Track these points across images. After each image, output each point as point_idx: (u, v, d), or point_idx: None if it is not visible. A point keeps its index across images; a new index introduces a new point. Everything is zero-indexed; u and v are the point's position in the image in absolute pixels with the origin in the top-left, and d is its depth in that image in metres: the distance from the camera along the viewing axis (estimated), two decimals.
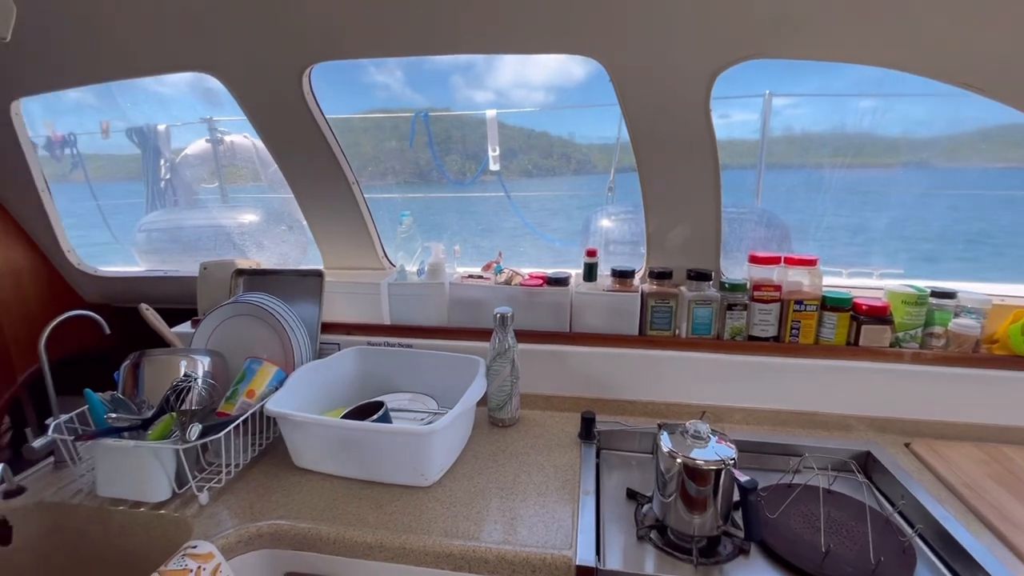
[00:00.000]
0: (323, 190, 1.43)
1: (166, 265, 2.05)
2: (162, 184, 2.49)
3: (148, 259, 2.24)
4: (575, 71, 3.70)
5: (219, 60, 1.22)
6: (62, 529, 1.01)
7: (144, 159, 2.48)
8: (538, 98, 4.32)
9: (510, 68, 5.72)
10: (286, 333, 1.23)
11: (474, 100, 6.25)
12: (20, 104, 1.43)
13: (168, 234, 2.19)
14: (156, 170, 2.48)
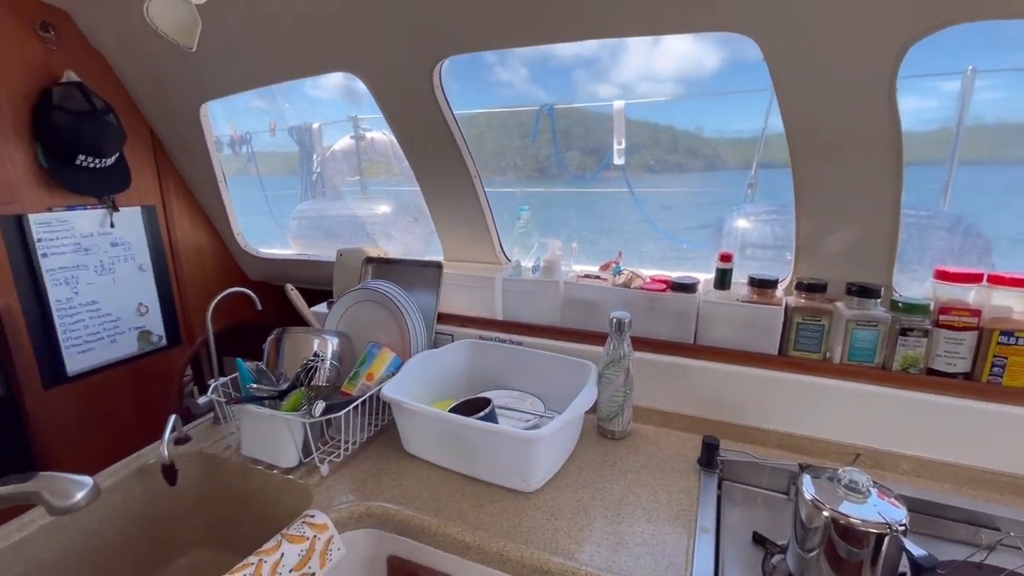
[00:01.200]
0: (447, 183, 1.46)
1: (312, 250, 2.28)
2: (313, 177, 2.78)
3: (298, 244, 2.52)
4: (707, 61, 3.41)
5: (360, 59, 1.30)
6: (214, 478, 1.16)
7: (300, 154, 2.79)
8: (665, 90, 4.05)
9: (636, 60, 5.46)
10: (405, 321, 1.28)
11: (598, 95, 6.09)
12: (207, 107, 1.67)
13: (314, 222, 2.44)
14: (309, 164, 2.78)
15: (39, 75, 1.46)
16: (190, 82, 1.59)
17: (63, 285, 1.55)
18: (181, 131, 1.72)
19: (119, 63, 1.60)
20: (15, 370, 1.46)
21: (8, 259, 1.43)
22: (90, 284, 1.62)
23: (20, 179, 1.44)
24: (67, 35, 1.51)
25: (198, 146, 1.75)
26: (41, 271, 1.50)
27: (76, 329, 1.59)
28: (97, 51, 1.58)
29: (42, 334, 1.52)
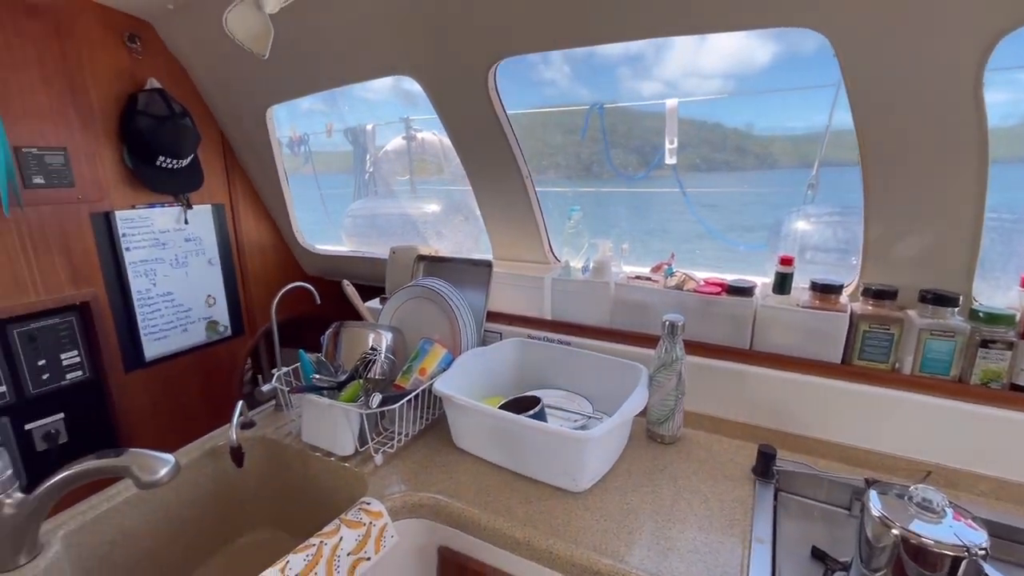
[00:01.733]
0: (498, 184, 1.48)
1: (364, 247, 2.36)
2: (366, 176, 2.88)
3: (352, 241, 2.61)
4: (757, 55, 3.27)
5: (417, 63, 1.33)
6: (276, 461, 1.22)
7: (355, 154, 2.89)
8: (712, 87, 3.96)
9: (681, 56, 5.17)
10: (456, 318, 1.31)
11: (641, 92, 5.91)
12: (272, 110, 1.76)
13: (367, 220, 2.52)
14: (363, 164, 2.87)
15: (126, 82, 1.58)
16: (258, 87, 1.68)
17: (143, 277, 1.68)
18: (249, 133, 1.83)
19: (195, 70, 1.72)
20: (101, 355, 1.60)
21: (97, 252, 1.56)
22: (166, 276, 1.74)
23: (108, 178, 1.57)
24: (150, 45, 1.63)
25: (263, 147, 1.84)
26: (124, 264, 1.62)
27: (153, 318, 1.72)
28: (176, 59, 1.70)
29: (125, 322, 1.65)
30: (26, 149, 1.38)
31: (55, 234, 1.46)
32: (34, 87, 1.38)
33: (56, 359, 1.51)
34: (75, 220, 1.50)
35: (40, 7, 1.37)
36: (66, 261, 1.49)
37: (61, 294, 1.49)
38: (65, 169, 1.46)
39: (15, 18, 1.33)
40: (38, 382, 1.48)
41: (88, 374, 1.59)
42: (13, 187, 1.34)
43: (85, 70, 1.48)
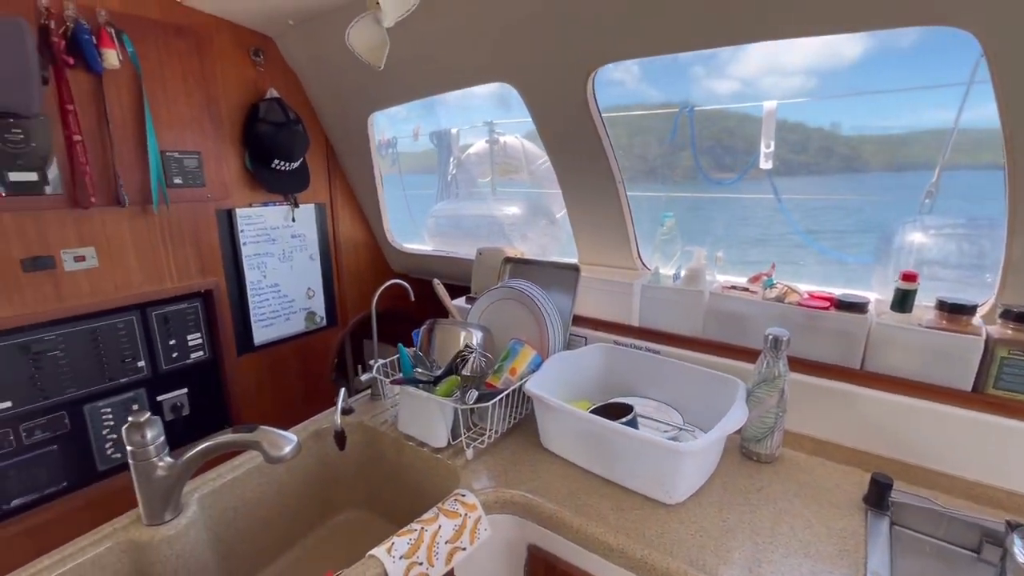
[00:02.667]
0: (590, 188, 1.48)
1: (446, 247, 2.45)
2: (449, 178, 2.98)
3: (434, 240, 2.71)
4: (846, 49, 2.95)
5: (515, 70, 1.37)
6: (372, 447, 1.30)
7: (439, 157, 3.01)
8: (793, 85, 3.65)
9: (759, 53, 4.81)
10: (544, 321, 1.33)
11: (715, 91, 5.56)
12: (374, 116, 1.87)
13: (451, 221, 2.61)
14: (447, 166, 2.98)
15: (250, 93, 1.75)
16: (362, 95, 1.79)
17: (255, 269, 1.85)
18: (351, 138, 1.95)
19: (307, 80, 1.86)
20: (219, 338, 1.77)
21: (220, 246, 1.74)
22: (274, 269, 1.90)
23: (231, 179, 1.74)
24: (271, 58, 1.79)
25: (363, 151, 1.97)
26: (241, 256, 1.79)
27: (262, 307, 1.89)
28: (292, 71, 1.85)
29: (239, 309, 1.82)
30: (169, 153, 1.56)
31: (188, 228, 1.64)
32: (178, 98, 1.56)
33: (184, 340, 1.70)
34: (204, 216, 1.68)
35: (185, 28, 1.54)
36: (196, 253, 1.67)
37: (190, 282, 1.67)
38: (198, 170, 1.63)
39: (167, 38, 1.50)
40: (169, 359, 1.67)
41: (208, 355, 1.77)
42: (162, 187, 1.52)
43: (218, 82, 1.65)
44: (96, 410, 1.52)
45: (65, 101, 1.32)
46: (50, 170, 1.34)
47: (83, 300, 1.44)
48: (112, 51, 1.37)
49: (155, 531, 0.92)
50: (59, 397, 1.45)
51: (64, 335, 1.43)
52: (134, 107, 1.47)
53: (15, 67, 1.12)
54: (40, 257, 1.35)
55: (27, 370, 1.38)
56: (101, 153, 1.42)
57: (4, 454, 1.37)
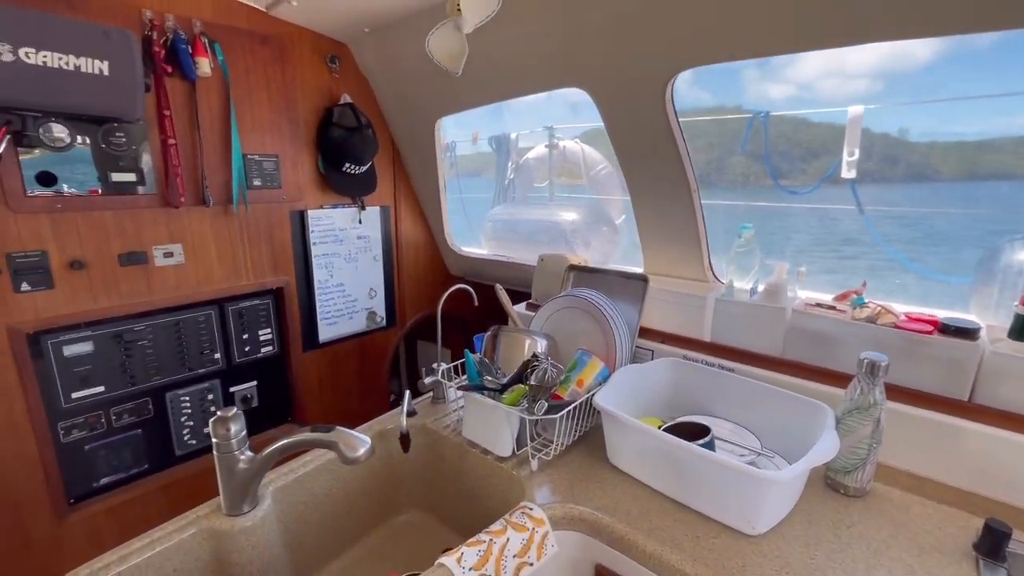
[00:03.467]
0: (662, 195, 1.43)
1: (502, 251, 2.45)
2: (507, 182, 2.99)
3: (490, 244, 2.72)
4: (917, 51, 2.59)
5: (590, 75, 1.34)
6: (434, 450, 1.31)
7: (497, 161, 3.02)
8: (857, 88, 3.23)
9: (821, 54, 4.30)
10: (612, 332, 1.29)
11: (769, 96, 5.06)
12: (441, 122, 1.90)
13: (508, 225, 2.61)
14: (505, 170, 2.99)
15: (325, 98, 1.81)
16: (431, 100, 1.82)
17: (323, 268, 1.90)
18: (418, 143, 1.99)
19: (378, 85, 1.91)
20: (287, 334, 1.84)
21: (292, 245, 1.80)
22: (340, 269, 1.96)
23: (305, 181, 1.80)
24: (345, 64, 1.84)
25: (429, 156, 1.99)
26: (311, 256, 1.86)
27: (327, 305, 1.94)
28: (364, 77, 1.90)
29: (307, 307, 1.88)
30: (250, 156, 1.63)
31: (264, 228, 1.72)
32: (261, 104, 1.63)
33: (255, 335, 1.78)
34: (279, 216, 1.75)
35: (271, 37, 1.61)
36: (270, 251, 1.74)
37: (264, 279, 1.74)
38: (276, 173, 1.70)
39: (253, 47, 1.58)
40: (242, 353, 1.75)
41: (276, 350, 1.84)
42: (242, 188, 1.60)
43: (297, 88, 1.72)
44: (176, 398, 1.61)
45: (163, 107, 1.41)
46: (146, 171, 1.43)
47: (169, 294, 1.53)
48: (205, 60, 1.45)
49: (234, 522, 0.96)
50: (145, 384, 1.54)
51: (152, 326, 1.52)
52: (221, 112, 1.54)
53: (125, 75, 1.20)
54: (135, 252, 1.44)
55: (119, 358, 1.48)
56: (190, 155, 1.50)
57: (96, 435, 1.47)
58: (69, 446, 1.42)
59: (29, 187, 1.25)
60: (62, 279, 1.33)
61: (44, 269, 1.30)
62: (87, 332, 1.41)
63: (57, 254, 1.32)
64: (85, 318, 1.38)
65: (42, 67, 1.11)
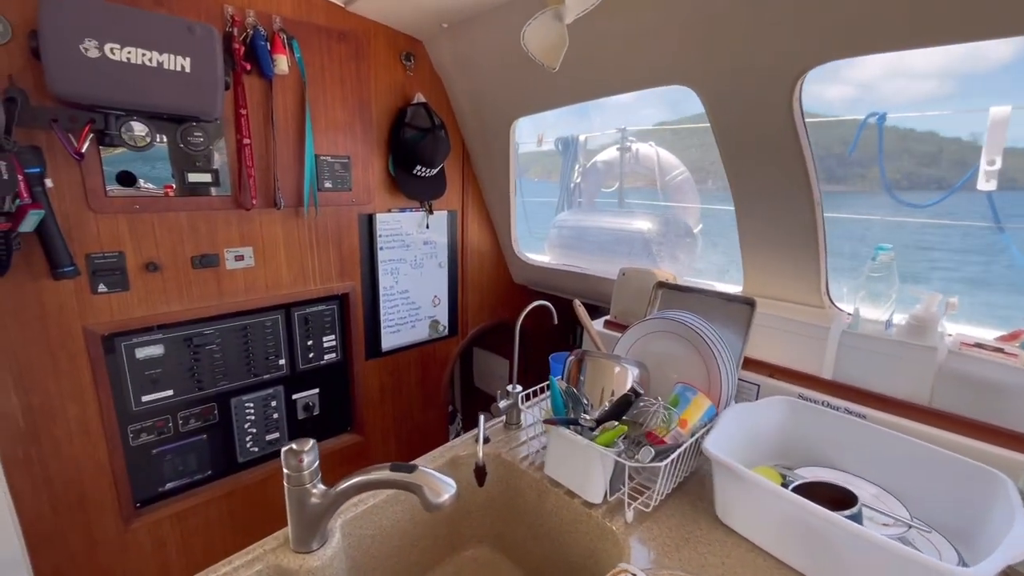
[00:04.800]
0: (777, 206, 1.26)
1: (567, 260, 2.31)
2: (572, 186, 2.85)
3: (554, 252, 2.59)
4: (997, 49, 2.26)
5: (703, 73, 1.19)
6: (508, 484, 1.19)
7: (563, 164, 2.89)
8: (927, 89, 2.78)
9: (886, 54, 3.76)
10: (716, 364, 1.13)
11: (824, 98, 4.77)
12: (517, 123, 1.78)
13: (574, 232, 2.47)
14: (570, 174, 2.85)
15: (398, 97, 1.73)
16: (508, 100, 1.71)
17: (389, 275, 1.83)
18: (490, 144, 1.88)
19: (452, 84, 1.82)
20: (351, 342, 1.78)
21: (359, 250, 1.74)
22: (406, 276, 1.88)
23: (375, 184, 1.73)
24: (419, 62, 1.76)
25: (501, 158, 1.89)
26: (377, 261, 1.79)
27: (391, 313, 1.87)
28: (437, 76, 1.82)
29: (371, 314, 1.82)
30: (322, 157, 1.57)
31: (333, 232, 1.65)
32: (335, 103, 1.57)
33: (319, 341, 1.72)
34: (347, 220, 1.69)
35: (347, 33, 1.55)
36: (337, 256, 1.68)
37: (330, 284, 1.68)
38: (346, 175, 1.64)
39: (330, 44, 1.52)
40: (306, 359, 1.70)
41: (339, 357, 1.79)
42: (313, 190, 1.54)
43: (371, 87, 1.65)
44: (241, 404, 1.57)
45: (240, 105, 1.36)
46: (220, 172, 1.39)
47: (238, 297, 1.49)
48: (283, 56, 1.39)
49: (303, 560, 0.87)
50: (211, 389, 1.50)
51: (220, 330, 1.49)
52: (296, 112, 1.49)
53: (206, 73, 1.15)
54: (207, 255, 1.40)
55: (188, 362, 1.44)
56: (264, 156, 1.46)
57: (163, 439, 1.44)
58: (137, 450, 1.40)
59: (109, 186, 1.23)
60: (137, 281, 1.31)
61: (121, 270, 1.28)
62: (159, 335, 1.38)
63: (133, 255, 1.29)
64: (157, 321, 1.35)
65: (126, 64, 1.07)
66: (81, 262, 1.22)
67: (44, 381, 1.21)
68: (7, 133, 1.02)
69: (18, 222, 1.05)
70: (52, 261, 1.14)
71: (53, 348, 1.21)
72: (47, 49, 1.00)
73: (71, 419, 1.26)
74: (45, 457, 1.24)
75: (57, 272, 1.15)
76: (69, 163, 1.17)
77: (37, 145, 1.11)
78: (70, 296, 1.22)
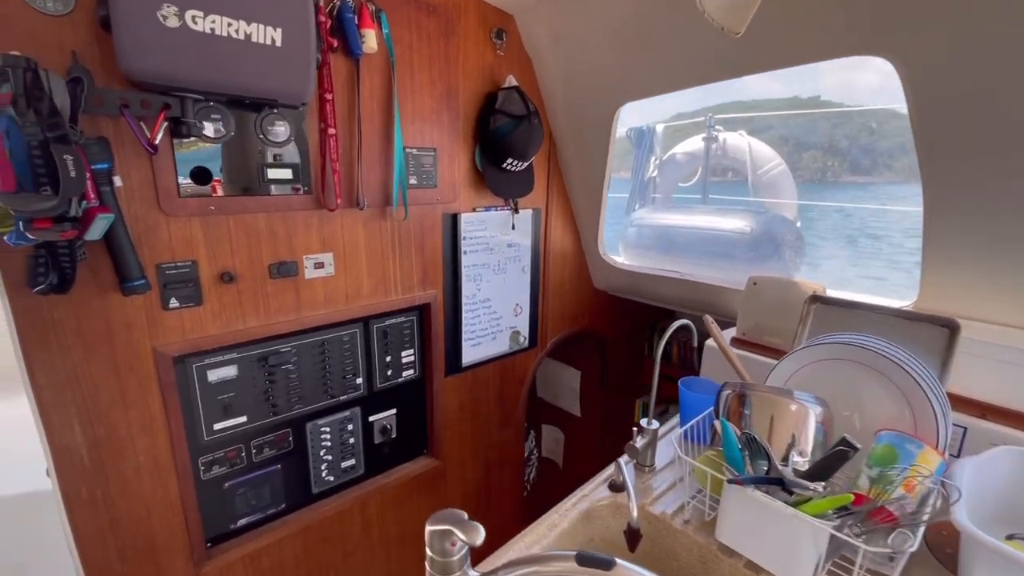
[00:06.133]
0: (997, 208, 1.01)
1: (645, 262, 2.08)
2: (646, 180, 2.61)
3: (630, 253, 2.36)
4: None
5: (912, 39, 0.94)
6: (656, 543, 0.98)
7: (637, 156, 2.64)
8: None
9: None
10: (930, 405, 0.90)
11: (854, 85, 4.20)
12: (622, 109, 1.56)
13: (655, 231, 2.24)
14: (644, 167, 2.61)
15: (486, 81, 1.53)
16: (616, 82, 1.49)
17: (471, 281, 1.63)
18: (585, 133, 1.67)
19: (544, 66, 1.60)
20: (430, 356, 1.59)
21: (441, 254, 1.54)
22: (488, 282, 1.68)
23: (461, 180, 1.53)
24: (510, 41, 1.55)
25: (597, 149, 1.67)
26: (461, 267, 1.59)
27: (473, 324, 1.67)
28: (527, 56, 1.60)
29: (452, 326, 1.62)
30: (408, 149, 1.38)
31: (416, 235, 1.46)
32: (423, 87, 1.37)
33: (398, 357, 1.54)
34: (431, 221, 1.49)
35: (437, 6, 1.35)
36: (420, 261, 1.49)
37: (411, 294, 1.49)
38: (432, 170, 1.44)
39: (419, 19, 1.32)
40: (384, 377, 1.52)
41: (417, 374, 1.60)
42: (403, 188, 1.35)
43: (460, 69, 1.44)
44: (316, 428, 1.40)
45: (325, 89, 1.17)
46: (299, 167, 1.20)
47: (317, 311, 1.31)
48: (372, 31, 1.20)
49: None
50: (287, 414, 1.33)
51: (298, 347, 1.31)
52: (382, 96, 1.30)
53: (299, 47, 0.96)
54: (285, 263, 1.22)
55: (262, 384, 1.27)
56: (348, 148, 1.27)
57: (236, 471, 1.27)
58: (208, 484, 1.23)
59: (182, 185, 1.05)
60: (211, 294, 1.13)
61: (194, 282, 1.10)
62: (233, 355, 1.21)
63: (208, 264, 1.12)
64: (233, 340, 1.18)
65: (209, 35, 0.88)
66: (151, 273, 1.04)
67: (111, 410, 1.05)
68: (73, 121, 0.84)
69: (85, 228, 0.88)
70: (121, 274, 0.97)
71: (120, 372, 1.04)
72: (119, 17, 0.82)
73: (140, 452, 1.10)
74: (111, 496, 1.08)
75: (127, 287, 0.97)
76: (139, 158, 0.99)
77: (104, 136, 0.93)
78: (139, 313, 1.04)
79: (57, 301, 0.95)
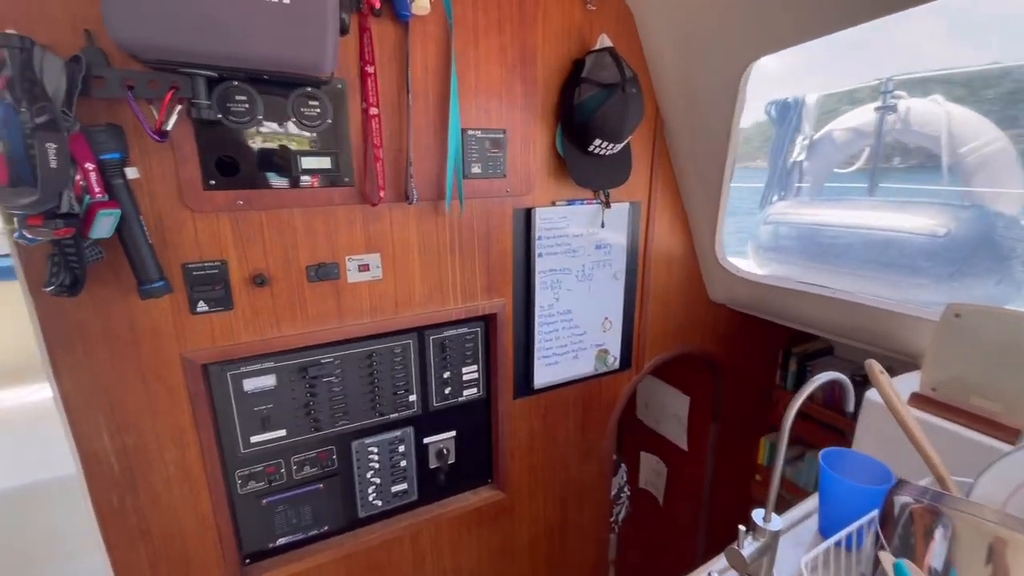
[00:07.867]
0: None
1: (782, 269, 1.62)
2: (789, 164, 2.08)
3: (764, 259, 1.89)
4: None
5: None
6: None
7: (776, 136, 2.12)
8: None
9: None
10: None
11: None
12: (752, 68, 1.16)
13: (801, 232, 1.75)
14: (786, 148, 2.08)
15: (573, 45, 1.24)
16: (744, 32, 1.10)
17: (548, 289, 1.37)
18: (701, 106, 1.30)
19: (649, 21, 1.26)
20: (496, 374, 1.36)
21: (511, 257, 1.30)
22: (569, 291, 1.40)
23: (537, 168, 1.27)
24: None
25: (719, 124, 1.29)
26: (534, 272, 1.33)
27: (548, 339, 1.41)
28: (628, 11, 1.28)
29: (523, 340, 1.38)
30: (470, 132, 1.15)
31: (480, 234, 1.24)
32: (490, 56, 1.13)
33: (458, 373, 1.33)
34: (499, 217, 1.26)
35: None
36: (484, 265, 1.27)
37: (474, 302, 1.28)
38: (499, 155, 1.20)
39: None
40: (441, 395, 1.33)
41: (481, 393, 1.39)
42: (459, 178, 1.13)
43: (537, 32, 1.18)
44: (364, 448, 1.26)
45: (366, 61, 0.99)
46: (340, 154, 1.04)
47: (362, 319, 1.15)
48: None
49: None
50: (330, 430, 1.20)
51: (341, 358, 1.17)
52: (438, 69, 1.08)
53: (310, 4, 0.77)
54: (325, 264, 1.07)
55: (302, 396, 1.15)
56: (396, 132, 1.08)
57: (275, 488, 1.18)
58: (245, 499, 1.15)
59: (207, 178, 0.94)
60: (242, 297, 1.03)
61: (224, 284, 1.00)
62: (270, 363, 1.10)
63: (238, 266, 1.01)
64: (267, 348, 1.06)
65: None
66: (177, 274, 0.96)
67: (139, 419, 0.99)
68: (67, 105, 0.75)
69: (87, 225, 0.79)
70: (137, 275, 0.89)
71: (148, 380, 0.98)
72: None
73: (169, 463, 1.03)
74: (142, 507, 1.03)
75: (143, 289, 0.89)
76: (162, 147, 0.90)
77: (117, 123, 0.85)
78: (165, 317, 0.97)
79: (80, 302, 0.89)
